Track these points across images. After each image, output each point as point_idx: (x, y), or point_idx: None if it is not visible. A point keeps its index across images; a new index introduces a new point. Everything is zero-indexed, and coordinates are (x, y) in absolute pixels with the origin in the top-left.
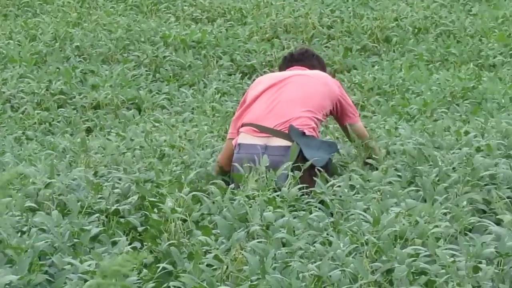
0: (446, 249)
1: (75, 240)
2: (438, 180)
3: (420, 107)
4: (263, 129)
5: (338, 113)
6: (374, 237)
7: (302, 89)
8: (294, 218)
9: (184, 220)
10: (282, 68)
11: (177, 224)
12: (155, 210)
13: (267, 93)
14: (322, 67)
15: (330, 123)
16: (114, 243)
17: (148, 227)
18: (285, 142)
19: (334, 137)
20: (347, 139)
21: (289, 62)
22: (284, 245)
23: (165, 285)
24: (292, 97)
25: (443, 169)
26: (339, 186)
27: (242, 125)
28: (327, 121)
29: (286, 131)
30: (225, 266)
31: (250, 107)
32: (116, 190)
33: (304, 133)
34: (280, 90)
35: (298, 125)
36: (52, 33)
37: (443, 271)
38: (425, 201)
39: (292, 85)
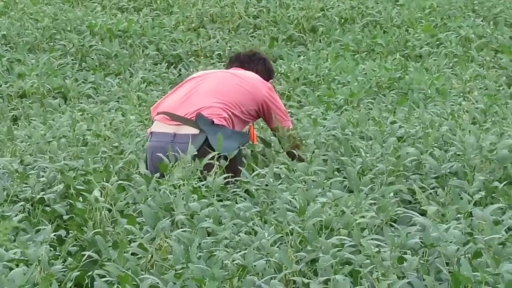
0: (371, 239)
1: None
2: (363, 171)
3: (347, 97)
4: (174, 117)
5: (265, 115)
6: (299, 227)
7: (219, 83)
8: (221, 207)
9: (109, 210)
10: (226, 67)
11: (102, 213)
12: (80, 199)
13: (185, 85)
14: (268, 73)
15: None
16: (38, 232)
17: (73, 215)
18: (193, 130)
19: None
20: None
21: (233, 62)
22: (209, 234)
23: (89, 273)
24: (207, 89)
25: (366, 159)
26: (264, 176)
27: (157, 114)
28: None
29: (192, 118)
30: (150, 255)
31: (166, 98)
32: (41, 179)
33: (213, 121)
34: (198, 83)
35: (208, 114)
36: None
37: (368, 261)
38: (351, 191)
39: (211, 79)
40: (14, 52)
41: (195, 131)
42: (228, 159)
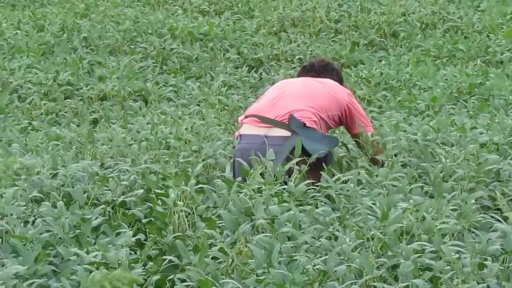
0: (451, 245)
1: (78, 231)
2: (444, 176)
3: (428, 102)
4: (264, 120)
5: (347, 121)
6: (380, 233)
7: (307, 88)
8: (300, 212)
9: (189, 213)
10: (300, 75)
11: (180, 217)
12: (159, 202)
13: (272, 91)
14: (340, 81)
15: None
16: (118, 235)
17: (152, 219)
18: (284, 132)
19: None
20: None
21: (307, 71)
22: (289, 239)
23: (170, 277)
24: (296, 93)
25: (447, 165)
26: (346, 181)
27: (246, 117)
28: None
29: (287, 122)
30: (231, 260)
31: (254, 104)
32: (122, 182)
33: (304, 124)
34: (284, 88)
35: (299, 117)
36: (59, 24)
37: (448, 267)
38: (432, 197)
39: (298, 84)
40: (95, 54)
41: (286, 133)
42: (310, 163)
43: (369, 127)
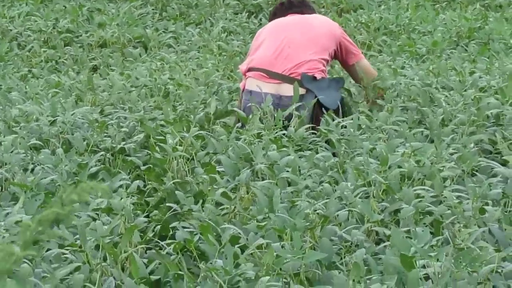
0: (452, 190)
1: (76, 178)
2: (444, 121)
3: (430, 46)
4: (272, 75)
5: (342, 53)
6: (382, 177)
7: (306, 31)
8: (300, 157)
9: (188, 159)
10: (279, 14)
11: (179, 163)
12: (157, 149)
13: (271, 37)
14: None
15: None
16: (116, 180)
17: (151, 165)
18: (300, 90)
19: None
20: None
21: (287, 9)
22: (289, 184)
23: (172, 225)
24: (298, 39)
25: (447, 110)
26: (346, 126)
27: (249, 70)
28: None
29: (297, 77)
30: (233, 206)
31: (255, 52)
32: (122, 129)
33: (315, 77)
34: (284, 33)
35: (308, 69)
36: None
37: (449, 211)
38: (432, 141)
39: (296, 27)
40: (94, 1)
41: (300, 90)
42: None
43: (361, 55)
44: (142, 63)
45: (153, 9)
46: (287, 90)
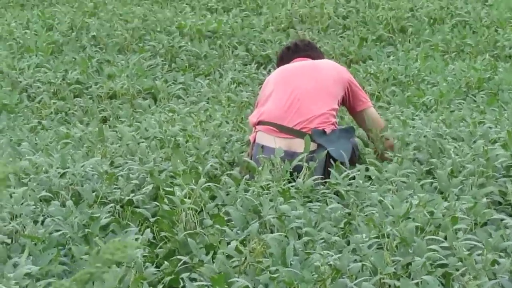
0: (464, 240)
1: (87, 230)
2: (453, 172)
3: (437, 97)
4: (284, 130)
5: (350, 99)
6: (395, 230)
7: (314, 78)
8: (309, 209)
9: (196, 211)
10: (286, 58)
11: (187, 214)
12: (166, 200)
13: (280, 89)
14: (323, 56)
15: (345, 113)
16: (126, 233)
17: (160, 217)
18: (311, 146)
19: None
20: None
21: (293, 53)
22: (299, 236)
23: (182, 276)
24: (307, 90)
25: (456, 160)
26: (354, 178)
27: (259, 123)
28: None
29: (308, 132)
30: (244, 257)
31: (265, 104)
32: (132, 181)
33: (325, 132)
34: (292, 84)
35: (319, 124)
36: (68, 23)
37: (460, 263)
38: (441, 193)
39: (304, 75)
40: (104, 53)
41: (312, 146)
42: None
43: (370, 103)
44: (151, 115)
45: (162, 61)
46: (299, 145)
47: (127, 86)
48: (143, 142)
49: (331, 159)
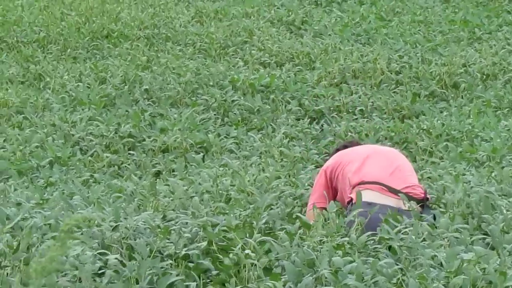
0: None
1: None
2: (504, 228)
3: (489, 153)
4: (392, 190)
5: None
6: (443, 285)
7: (404, 160)
8: (363, 264)
9: (252, 264)
10: (349, 146)
11: (247, 269)
12: (228, 254)
13: (377, 156)
14: None
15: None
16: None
17: (218, 271)
18: (415, 206)
19: None
20: None
21: (357, 144)
22: None
23: None
24: (405, 165)
25: (508, 217)
26: (407, 233)
27: (362, 183)
28: None
29: (414, 196)
30: None
31: (362, 168)
32: (185, 235)
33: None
34: (389, 157)
35: (414, 191)
36: (121, 76)
37: None
38: (493, 249)
39: (396, 154)
40: (156, 106)
41: (417, 207)
42: None
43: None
44: (204, 168)
45: (215, 115)
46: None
47: (180, 140)
48: (194, 196)
49: None
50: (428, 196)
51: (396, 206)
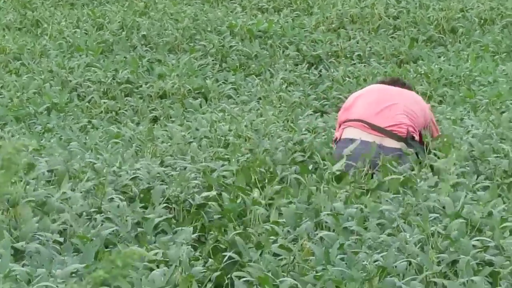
0: None
1: (139, 229)
2: (507, 171)
3: (491, 98)
4: (375, 128)
5: (426, 123)
6: (445, 227)
7: (406, 99)
8: (365, 207)
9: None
10: (382, 82)
11: (256, 213)
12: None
13: (371, 94)
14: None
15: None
16: (176, 233)
17: (215, 216)
18: (396, 144)
19: None
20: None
21: (390, 83)
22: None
23: (229, 274)
24: (399, 103)
25: None
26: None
27: (348, 120)
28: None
29: (399, 134)
30: (292, 257)
31: (353, 106)
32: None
33: (413, 137)
34: (385, 95)
35: (403, 132)
36: (119, 22)
37: (508, 262)
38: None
39: (397, 93)
40: (154, 52)
41: (400, 145)
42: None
43: (437, 133)
44: (202, 114)
45: (213, 60)
46: (388, 143)
47: (178, 86)
48: (192, 141)
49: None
50: (414, 134)
51: (378, 143)
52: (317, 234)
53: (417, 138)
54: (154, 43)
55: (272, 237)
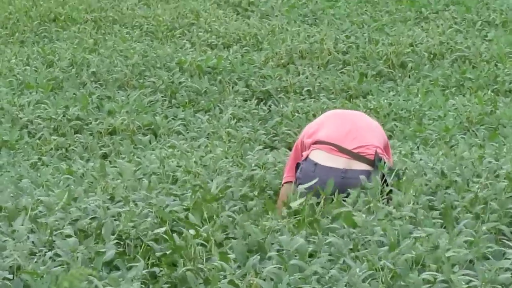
0: (462, 274)
1: (91, 265)
2: (452, 206)
3: (440, 132)
4: (343, 150)
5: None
6: (391, 263)
7: (366, 121)
8: (311, 243)
9: (202, 245)
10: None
11: (196, 250)
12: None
13: (336, 118)
14: None
15: None
16: (130, 268)
17: (166, 253)
18: (364, 166)
19: None
20: None
21: None
22: (299, 270)
23: None
24: (362, 125)
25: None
26: (360, 211)
27: (316, 142)
28: None
29: (366, 156)
30: None
31: (320, 130)
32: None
33: (381, 159)
34: (349, 118)
35: (371, 154)
36: (69, 59)
37: None
38: (445, 227)
39: (359, 117)
40: (104, 89)
41: (366, 167)
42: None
43: (391, 160)
44: (152, 150)
45: (162, 97)
46: (356, 165)
47: (127, 122)
48: (142, 178)
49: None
50: (381, 156)
51: (344, 167)
52: (264, 269)
53: (385, 158)
54: (104, 79)
55: (221, 272)
